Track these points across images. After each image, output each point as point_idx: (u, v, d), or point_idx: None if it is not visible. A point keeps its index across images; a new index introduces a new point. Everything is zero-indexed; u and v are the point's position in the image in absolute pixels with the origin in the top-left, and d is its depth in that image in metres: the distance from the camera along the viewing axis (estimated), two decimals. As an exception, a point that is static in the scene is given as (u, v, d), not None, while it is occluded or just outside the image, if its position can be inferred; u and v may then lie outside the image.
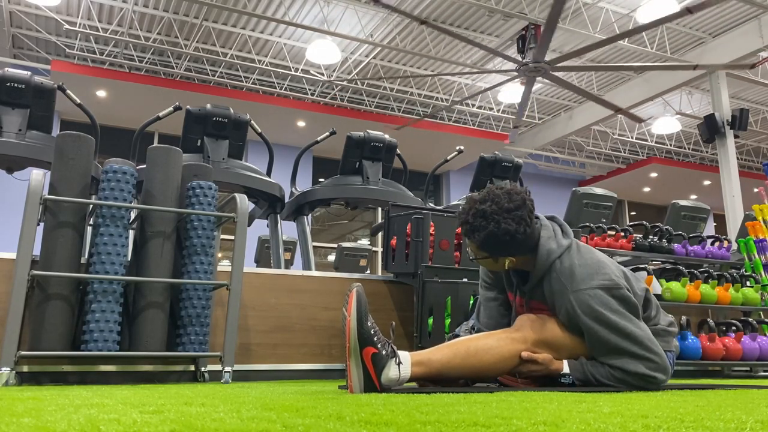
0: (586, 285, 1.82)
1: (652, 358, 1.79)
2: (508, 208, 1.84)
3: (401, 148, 4.91)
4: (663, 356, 1.82)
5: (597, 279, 1.83)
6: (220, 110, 4.16)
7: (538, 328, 1.86)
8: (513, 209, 1.85)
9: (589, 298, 1.81)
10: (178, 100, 4.65)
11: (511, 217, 1.84)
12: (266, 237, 6.26)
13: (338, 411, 1.09)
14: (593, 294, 1.81)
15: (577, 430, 0.84)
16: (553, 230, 1.98)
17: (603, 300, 1.80)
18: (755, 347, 3.36)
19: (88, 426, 0.90)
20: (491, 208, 1.84)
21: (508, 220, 1.83)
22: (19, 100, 3.58)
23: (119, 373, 2.69)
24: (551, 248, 1.91)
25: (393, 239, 3.42)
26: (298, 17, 8.97)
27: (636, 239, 3.65)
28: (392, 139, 4.74)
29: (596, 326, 1.80)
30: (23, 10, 9.00)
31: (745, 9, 9.15)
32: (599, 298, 1.80)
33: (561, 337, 1.87)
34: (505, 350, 1.80)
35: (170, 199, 2.77)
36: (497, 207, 1.84)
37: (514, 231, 1.84)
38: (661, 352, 1.82)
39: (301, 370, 3.11)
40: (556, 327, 1.88)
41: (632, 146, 13.86)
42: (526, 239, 1.88)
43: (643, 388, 1.79)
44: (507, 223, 1.83)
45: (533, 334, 1.84)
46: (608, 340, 1.79)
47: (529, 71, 7.49)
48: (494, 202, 1.85)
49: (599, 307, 1.79)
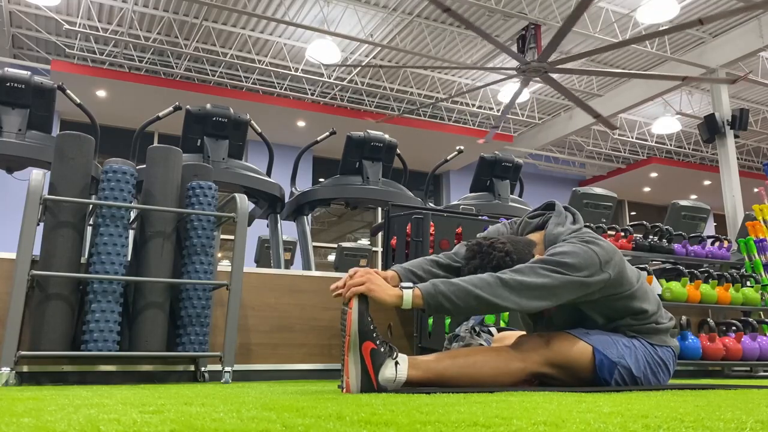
0: (587, 246, 1.84)
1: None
2: (487, 251, 1.89)
3: (401, 148, 4.91)
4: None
5: (597, 246, 1.86)
6: (220, 110, 4.16)
7: (542, 349, 1.85)
8: (490, 252, 1.89)
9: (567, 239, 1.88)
10: (178, 100, 4.65)
11: (492, 255, 1.87)
12: (266, 237, 6.26)
13: (338, 411, 1.09)
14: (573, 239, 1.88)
15: (577, 430, 0.84)
16: (565, 217, 2.03)
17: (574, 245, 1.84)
18: (755, 347, 3.36)
19: (88, 426, 0.90)
20: (477, 262, 1.89)
21: (491, 257, 1.87)
22: (19, 100, 3.58)
23: (119, 373, 2.69)
24: (559, 231, 1.96)
25: (393, 239, 3.42)
26: (298, 17, 8.97)
27: (636, 239, 3.66)
28: (392, 139, 4.74)
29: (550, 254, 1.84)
30: (23, 10, 9.00)
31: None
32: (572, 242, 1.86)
33: (565, 353, 1.85)
34: (503, 365, 1.81)
35: (170, 199, 2.77)
36: (480, 258, 1.89)
37: (507, 250, 1.87)
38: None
39: (301, 370, 3.11)
40: (559, 343, 1.86)
41: (632, 146, 13.86)
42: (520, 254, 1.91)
43: (479, 287, 1.73)
44: (499, 251, 1.87)
45: (536, 356, 1.84)
46: (534, 266, 1.79)
47: (529, 71, 7.49)
48: (476, 257, 1.90)
49: (563, 247, 1.83)
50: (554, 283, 1.76)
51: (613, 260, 1.86)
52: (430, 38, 9.75)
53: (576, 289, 1.80)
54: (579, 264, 1.79)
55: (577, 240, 1.87)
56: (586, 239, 1.87)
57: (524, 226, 2.15)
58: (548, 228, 1.99)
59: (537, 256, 1.92)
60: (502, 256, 1.84)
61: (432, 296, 1.71)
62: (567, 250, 1.82)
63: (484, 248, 1.88)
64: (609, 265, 1.84)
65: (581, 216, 2.09)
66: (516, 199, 5.16)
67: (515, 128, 13.15)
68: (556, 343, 1.86)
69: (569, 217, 2.04)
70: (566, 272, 1.78)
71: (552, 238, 1.95)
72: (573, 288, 1.80)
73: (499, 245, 1.87)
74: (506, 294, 1.73)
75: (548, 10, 8.95)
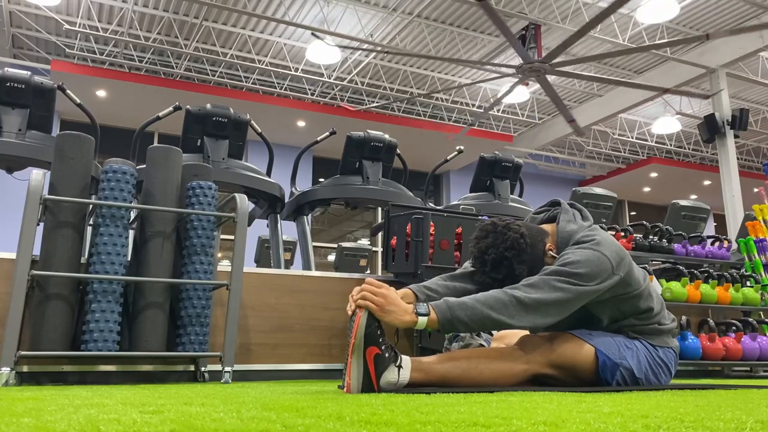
0: (597, 249, 1.84)
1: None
2: (502, 231, 1.90)
3: (401, 148, 4.91)
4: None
5: (608, 249, 1.86)
6: (220, 110, 4.16)
7: (545, 351, 1.85)
8: (505, 232, 1.89)
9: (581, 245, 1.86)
10: (178, 100, 4.65)
11: (507, 235, 1.88)
12: (266, 237, 6.26)
13: (338, 411, 1.09)
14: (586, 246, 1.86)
15: (577, 430, 0.84)
16: (573, 215, 2.03)
17: (587, 253, 1.83)
18: (755, 347, 3.36)
19: (88, 426, 0.90)
20: (489, 241, 1.89)
21: (506, 236, 1.88)
22: (19, 100, 3.58)
23: (119, 373, 2.69)
24: (572, 229, 1.95)
25: (393, 239, 3.42)
26: (298, 17, 8.97)
27: (636, 239, 3.65)
28: (392, 139, 4.74)
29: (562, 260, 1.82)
30: (23, 10, 9.00)
31: (745, 9, 9.15)
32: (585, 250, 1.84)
33: (569, 355, 1.84)
34: (506, 368, 1.81)
35: (170, 199, 2.77)
36: (493, 237, 1.89)
37: (522, 233, 1.87)
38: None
39: (301, 370, 3.11)
40: (563, 344, 1.86)
41: (632, 146, 13.86)
42: (532, 249, 1.90)
43: (495, 309, 1.72)
44: (515, 231, 1.87)
45: (540, 357, 1.84)
46: (548, 278, 1.78)
47: (529, 71, 7.49)
48: (489, 236, 1.90)
49: (577, 256, 1.82)
50: (569, 297, 1.77)
51: (623, 261, 1.88)
52: (430, 38, 9.75)
53: (589, 296, 1.82)
54: (592, 273, 1.79)
55: (589, 246, 1.85)
56: (596, 240, 1.86)
57: (530, 221, 2.15)
58: (560, 224, 1.98)
59: (549, 252, 1.93)
60: (517, 237, 1.85)
61: (448, 321, 1.70)
62: (579, 259, 1.81)
63: (498, 228, 1.88)
64: (620, 267, 1.85)
65: (589, 213, 2.09)
66: (516, 199, 5.16)
67: (515, 128, 13.14)
68: (559, 345, 1.86)
69: (577, 213, 2.05)
70: (581, 283, 1.78)
71: (566, 235, 1.94)
72: (587, 297, 1.82)
73: (515, 226, 1.88)
74: (522, 314, 1.73)
75: (548, 10, 8.96)
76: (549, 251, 1.94)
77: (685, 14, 9.18)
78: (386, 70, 10.86)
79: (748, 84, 10.94)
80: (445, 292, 1.98)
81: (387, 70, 10.87)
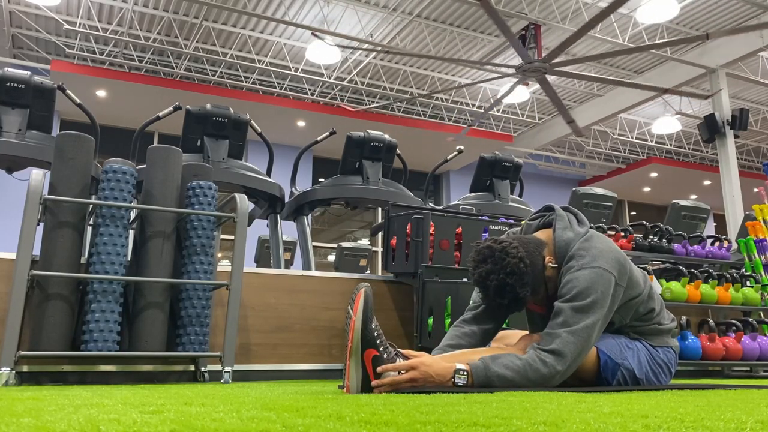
0: (597, 264, 1.83)
1: (565, 359, 1.76)
2: (500, 257, 1.84)
3: (401, 148, 4.91)
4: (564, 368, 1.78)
5: (608, 261, 1.85)
6: (220, 110, 4.16)
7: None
8: (504, 257, 1.84)
9: (591, 270, 1.84)
10: (178, 100, 4.65)
11: (506, 261, 1.83)
12: (266, 237, 6.26)
13: (338, 411, 1.09)
14: (596, 267, 1.84)
15: (577, 430, 0.84)
16: (569, 220, 2.01)
17: (598, 275, 1.82)
18: (755, 347, 3.36)
19: (88, 426, 0.90)
20: (489, 267, 1.85)
21: (505, 263, 1.83)
22: (19, 100, 3.58)
23: (119, 373, 2.69)
24: (569, 237, 1.94)
25: (393, 239, 3.42)
26: (298, 17, 8.97)
27: (636, 239, 3.65)
28: (392, 139, 4.74)
29: (574, 296, 1.80)
30: (23, 10, 9.00)
31: (745, 9, 9.15)
32: (598, 273, 1.83)
33: None
34: None
35: (170, 199, 2.77)
36: (492, 263, 1.84)
37: (521, 256, 1.83)
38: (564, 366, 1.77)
39: (301, 370, 3.11)
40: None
41: (632, 146, 13.86)
42: (533, 268, 1.87)
43: (538, 384, 1.73)
44: (513, 257, 1.83)
45: None
46: (569, 317, 1.78)
47: (529, 71, 7.49)
48: (488, 261, 1.86)
49: (590, 283, 1.81)
50: (590, 331, 1.78)
51: (623, 268, 1.88)
52: (430, 38, 9.75)
53: (610, 314, 1.85)
54: (602, 294, 1.80)
55: (588, 265, 1.83)
56: (593, 254, 1.85)
57: (526, 229, 2.15)
58: (557, 233, 1.95)
59: (549, 264, 1.91)
60: (516, 263, 1.81)
61: (484, 387, 1.71)
62: (586, 286, 1.79)
63: (496, 253, 1.83)
64: (622, 278, 1.86)
65: (585, 217, 2.08)
66: (516, 199, 5.16)
67: (515, 128, 13.14)
68: None
69: (572, 218, 2.03)
70: (595, 310, 1.79)
71: (563, 244, 1.92)
72: (608, 315, 1.84)
73: (512, 250, 1.83)
74: (557, 379, 1.76)
75: (548, 10, 8.96)
76: (548, 264, 1.92)
77: (685, 14, 9.18)
78: (386, 70, 10.86)
79: (748, 84, 10.93)
80: (469, 344, 1.97)
81: (387, 70, 10.86)
